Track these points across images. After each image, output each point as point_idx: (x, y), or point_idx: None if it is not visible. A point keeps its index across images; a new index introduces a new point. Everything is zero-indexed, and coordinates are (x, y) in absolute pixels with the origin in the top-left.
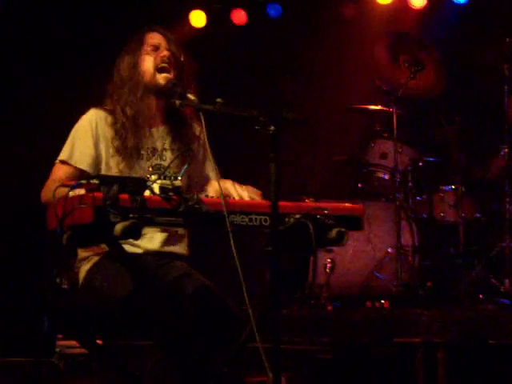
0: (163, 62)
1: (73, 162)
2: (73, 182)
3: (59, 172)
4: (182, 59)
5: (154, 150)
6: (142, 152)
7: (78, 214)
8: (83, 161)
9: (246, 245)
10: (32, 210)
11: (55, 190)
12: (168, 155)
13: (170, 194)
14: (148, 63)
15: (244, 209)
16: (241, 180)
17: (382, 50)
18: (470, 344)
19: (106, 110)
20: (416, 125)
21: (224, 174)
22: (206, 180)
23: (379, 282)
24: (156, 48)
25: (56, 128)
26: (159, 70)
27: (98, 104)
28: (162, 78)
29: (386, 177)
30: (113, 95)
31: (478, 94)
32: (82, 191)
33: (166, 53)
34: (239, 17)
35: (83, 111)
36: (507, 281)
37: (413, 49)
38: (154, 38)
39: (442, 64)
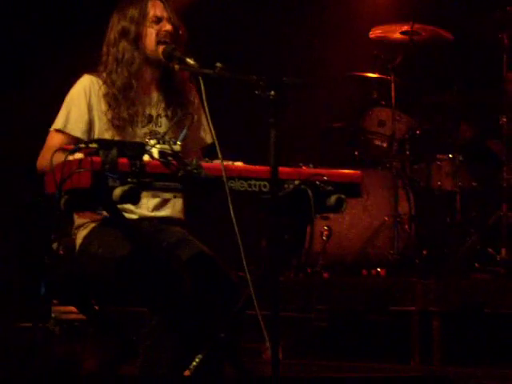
0: (165, 36)
1: (68, 131)
2: (71, 147)
3: (54, 140)
4: (181, 29)
5: (150, 116)
6: (137, 119)
7: (76, 178)
8: (78, 128)
9: (244, 210)
10: (29, 175)
11: (53, 154)
12: (163, 121)
13: (169, 158)
14: (152, 36)
15: (243, 174)
16: (240, 145)
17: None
18: (465, 312)
19: (99, 77)
20: (414, 93)
21: (222, 140)
22: (202, 144)
23: (375, 250)
24: (159, 19)
25: (52, 94)
26: (161, 42)
27: (92, 70)
28: (162, 49)
29: (384, 145)
30: (107, 64)
31: (477, 64)
32: (80, 155)
33: (168, 27)
34: None
35: (77, 77)
36: (503, 250)
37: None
38: (156, 7)
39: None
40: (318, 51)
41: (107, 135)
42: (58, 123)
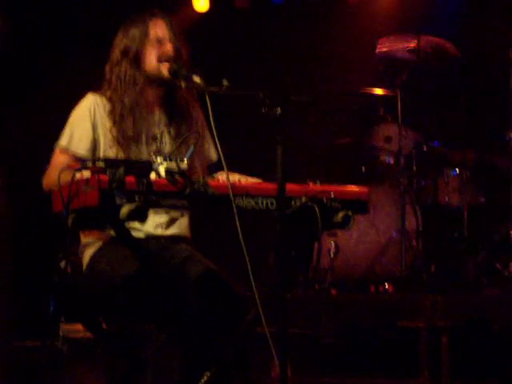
0: (166, 56)
1: (72, 149)
2: (78, 165)
3: (59, 159)
4: (183, 49)
5: (154, 135)
6: (141, 138)
7: (83, 196)
8: (82, 147)
9: (251, 228)
10: (37, 194)
11: (60, 172)
12: (167, 140)
13: (176, 176)
14: (153, 56)
15: (250, 192)
16: (246, 163)
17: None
18: (473, 328)
19: (103, 95)
20: (420, 108)
21: (228, 157)
22: (208, 161)
23: (383, 266)
24: (159, 40)
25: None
26: (164, 60)
27: (97, 88)
28: (165, 68)
29: (390, 161)
30: (110, 82)
31: (484, 79)
32: (87, 174)
33: (169, 47)
34: (242, 0)
35: (82, 95)
36: (511, 265)
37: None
38: (158, 28)
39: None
40: (325, 67)
41: (111, 152)
42: (63, 142)
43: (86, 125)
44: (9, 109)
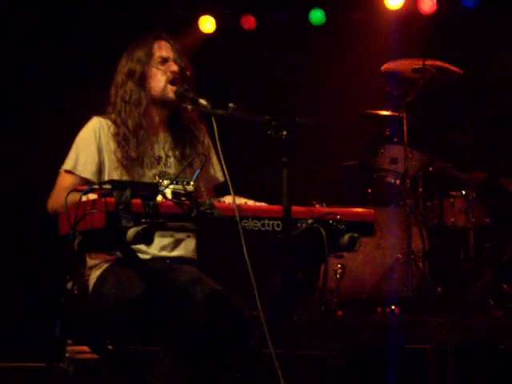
0: (174, 76)
1: (77, 172)
2: (85, 187)
3: (65, 182)
4: (188, 70)
5: (159, 157)
6: (146, 161)
7: (90, 218)
8: (88, 170)
9: (257, 249)
10: (43, 216)
11: (67, 195)
12: (172, 162)
13: (183, 198)
14: (158, 77)
15: (256, 214)
16: (252, 185)
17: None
18: (480, 350)
19: (108, 118)
20: (426, 130)
21: (234, 179)
22: (214, 182)
23: (389, 288)
24: (164, 60)
25: (62, 134)
26: (170, 82)
27: (101, 111)
28: (172, 91)
29: (397, 182)
30: (115, 104)
31: (489, 99)
32: (94, 196)
33: (175, 67)
34: (248, 22)
35: (87, 118)
36: None
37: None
38: (162, 49)
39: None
40: (331, 89)
41: (115, 174)
42: (68, 164)
43: (92, 148)
44: (14, 130)
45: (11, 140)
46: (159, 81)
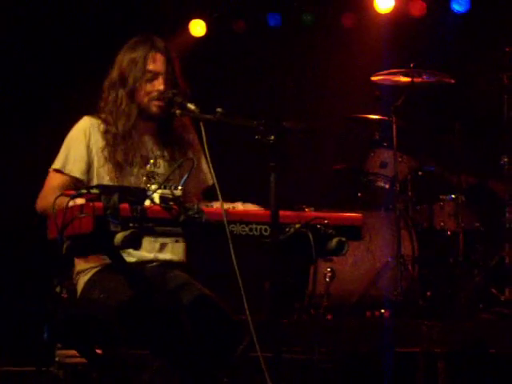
0: (158, 95)
1: (67, 171)
2: (73, 192)
3: (54, 181)
4: (178, 80)
5: (148, 158)
6: (135, 160)
7: (78, 223)
8: (77, 169)
9: (245, 254)
10: (32, 219)
11: (55, 199)
12: (161, 163)
13: (171, 203)
14: (144, 93)
15: (244, 218)
16: (241, 189)
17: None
18: (470, 354)
19: (98, 117)
20: (415, 134)
21: (223, 183)
22: (203, 186)
23: (379, 292)
24: (154, 76)
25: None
26: (153, 99)
27: (92, 110)
28: (155, 106)
29: (386, 186)
30: (107, 103)
31: (478, 104)
32: (82, 201)
33: (161, 87)
34: (239, 26)
35: (78, 117)
36: (507, 290)
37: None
38: (156, 62)
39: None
40: (320, 92)
41: (103, 171)
42: (58, 163)
43: (81, 146)
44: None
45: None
46: (144, 97)
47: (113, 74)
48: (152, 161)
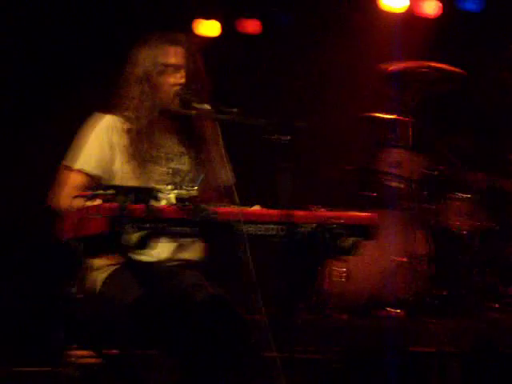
0: (181, 88)
1: (84, 168)
2: (89, 193)
3: (71, 178)
4: (200, 74)
5: (172, 154)
6: (159, 157)
7: (93, 224)
8: (98, 168)
9: (260, 254)
10: (46, 219)
11: (71, 200)
12: (186, 160)
13: (186, 203)
14: (166, 87)
15: (259, 218)
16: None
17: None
18: (483, 353)
19: (120, 115)
20: (429, 133)
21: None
22: (222, 183)
23: (392, 291)
24: (176, 69)
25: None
26: (175, 95)
27: (110, 106)
28: (176, 102)
29: (400, 186)
30: (132, 100)
31: (489, 103)
32: (98, 201)
33: (183, 80)
34: (251, 26)
35: (79, 116)
36: None
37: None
38: (177, 56)
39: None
40: (334, 91)
41: (127, 169)
42: (78, 162)
43: (104, 145)
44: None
45: (10, 138)
46: (167, 92)
47: (133, 71)
48: (176, 158)
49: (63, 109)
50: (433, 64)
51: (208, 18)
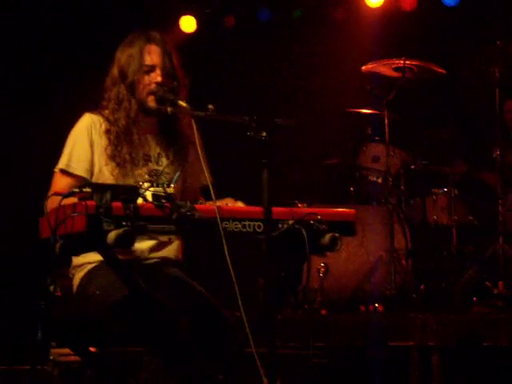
0: (156, 87)
1: (71, 170)
2: (65, 192)
3: (60, 182)
4: (176, 72)
5: (149, 156)
6: (137, 158)
7: (70, 222)
8: (82, 168)
9: (239, 250)
10: (25, 218)
11: (47, 198)
12: (164, 161)
13: (163, 201)
14: (142, 87)
15: (237, 215)
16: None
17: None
18: (464, 347)
19: (100, 114)
20: (408, 128)
21: (216, 179)
22: (199, 183)
23: (373, 286)
24: (152, 68)
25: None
26: (150, 93)
27: (93, 107)
28: (152, 101)
29: (379, 180)
30: (109, 101)
31: (470, 97)
32: (74, 200)
33: (158, 78)
34: (229, 21)
35: (77, 116)
36: (501, 283)
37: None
38: (152, 54)
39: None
40: (312, 87)
41: (106, 170)
42: (62, 163)
43: (85, 145)
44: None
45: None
46: (143, 90)
47: (113, 71)
48: (154, 159)
49: (62, 109)
50: (408, 61)
51: (186, 13)
